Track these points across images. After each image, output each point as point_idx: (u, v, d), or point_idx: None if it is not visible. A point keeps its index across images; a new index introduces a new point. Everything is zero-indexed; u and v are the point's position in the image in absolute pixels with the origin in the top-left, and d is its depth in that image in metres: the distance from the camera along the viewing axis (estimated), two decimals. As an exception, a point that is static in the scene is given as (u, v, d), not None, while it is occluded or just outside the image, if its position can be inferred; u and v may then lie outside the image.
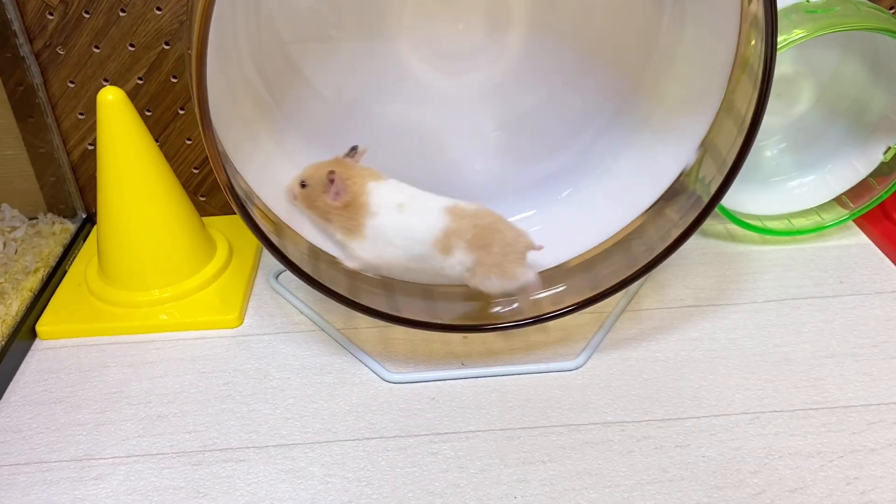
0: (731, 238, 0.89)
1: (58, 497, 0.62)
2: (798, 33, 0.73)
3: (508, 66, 0.75)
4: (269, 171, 0.73)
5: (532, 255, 0.71)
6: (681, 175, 0.72)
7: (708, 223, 0.90)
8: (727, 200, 0.84)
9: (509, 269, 0.68)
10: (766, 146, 0.92)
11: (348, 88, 0.75)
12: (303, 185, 0.70)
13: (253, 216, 0.65)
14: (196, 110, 0.58)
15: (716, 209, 0.82)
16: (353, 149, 0.71)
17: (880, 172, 0.86)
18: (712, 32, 0.69)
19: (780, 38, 0.74)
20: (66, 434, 0.67)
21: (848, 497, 0.59)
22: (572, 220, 0.77)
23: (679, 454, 0.63)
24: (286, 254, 0.67)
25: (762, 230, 0.87)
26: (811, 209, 0.89)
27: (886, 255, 0.85)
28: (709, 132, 0.71)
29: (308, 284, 0.68)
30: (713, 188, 0.67)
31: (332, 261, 0.73)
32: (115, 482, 0.63)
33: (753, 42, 0.64)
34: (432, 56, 0.75)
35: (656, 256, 0.68)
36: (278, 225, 0.71)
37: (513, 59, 0.75)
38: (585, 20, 0.74)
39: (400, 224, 0.68)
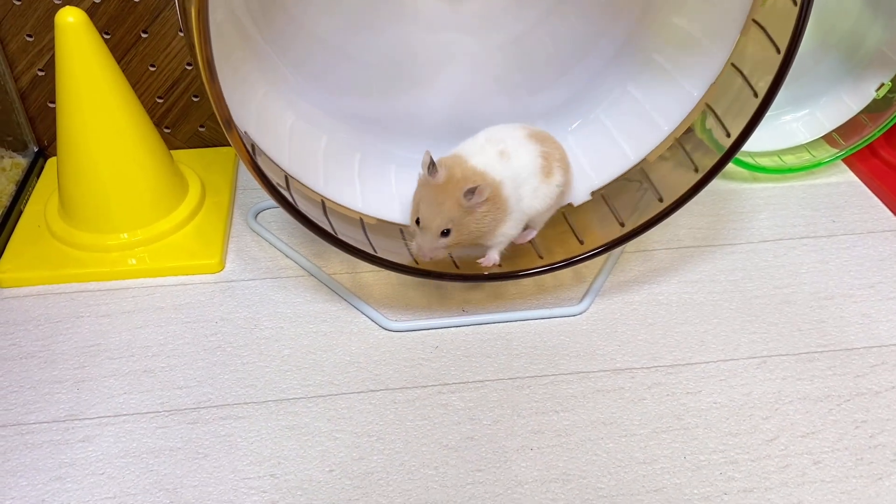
0: (722, 175, 0.87)
1: (43, 461, 0.57)
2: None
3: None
4: (260, 111, 0.67)
5: None
6: (692, 112, 0.69)
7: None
8: (718, 136, 0.82)
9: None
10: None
11: (340, 18, 0.68)
12: (445, 234, 0.61)
13: (267, 175, 0.59)
14: (199, 57, 0.51)
15: (707, 143, 0.81)
16: (433, 164, 0.61)
17: (872, 109, 0.85)
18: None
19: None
20: (43, 392, 0.62)
21: (858, 441, 0.59)
22: (589, 152, 0.73)
23: (691, 400, 0.62)
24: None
25: (753, 167, 0.86)
26: (801, 146, 0.88)
27: (875, 193, 0.85)
28: (722, 71, 0.68)
29: (329, 242, 0.63)
30: (733, 132, 0.65)
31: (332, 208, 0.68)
32: (105, 444, 0.59)
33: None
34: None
35: (674, 202, 0.66)
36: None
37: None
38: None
39: (515, 170, 0.64)
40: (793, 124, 0.90)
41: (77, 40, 0.66)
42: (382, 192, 0.73)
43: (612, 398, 0.63)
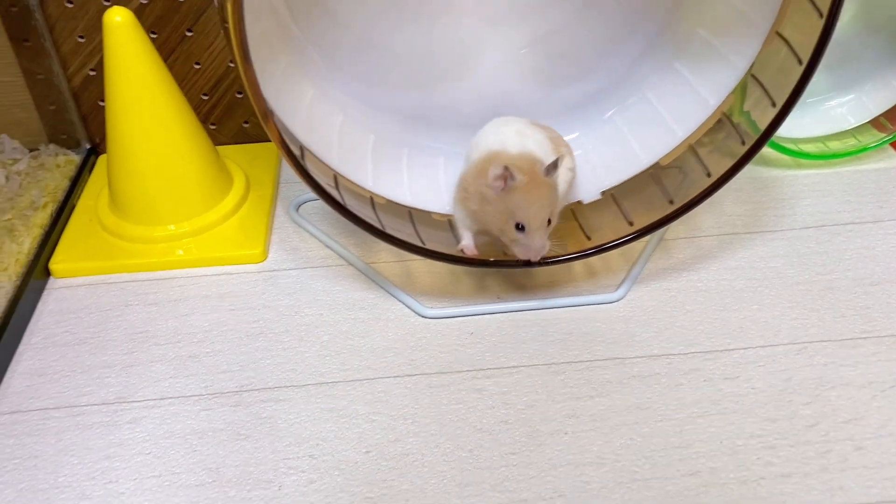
0: (764, 163, 0.87)
1: (93, 442, 0.60)
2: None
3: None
4: (308, 112, 0.68)
5: (582, 181, 0.72)
6: (728, 99, 0.69)
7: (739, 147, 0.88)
8: (760, 123, 0.81)
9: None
10: (799, 66, 0.88)
11: (375, 11, 0.70)
12: (521, 228, 0.61)
13: (308, 170, 0.61)
14: (233, 37, 0.53)
15: (748, 130, 0.80)
16: (511, 175, 0.60)
17: (921, 93, 0.83)
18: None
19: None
20: (94, 377, 0.65)
21: (902, 427, 0.58)
22: (617, 144, 0.73)
23: (728, 386, 0.62)
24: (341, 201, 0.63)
25: (796, 153, 0.85)
26: (847, 131, 0.87)
27: (925, 178, 0.83)
28: (757, 58, 0.67)
29: (369, 233, 0.64)
30: (765, 119, 0.64)
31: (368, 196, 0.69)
32: (151, 425, 0.61)
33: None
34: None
35: (710, 185, 0.66)
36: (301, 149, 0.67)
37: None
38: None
39: (542, 150, 0.64)
40: (838, 109, 0.88)
41: (124, 39, 0.69)
42: (428, 183, 0.74)
43: (648, 384, 0.62)
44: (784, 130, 0.85)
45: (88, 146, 0.88)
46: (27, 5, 0.78)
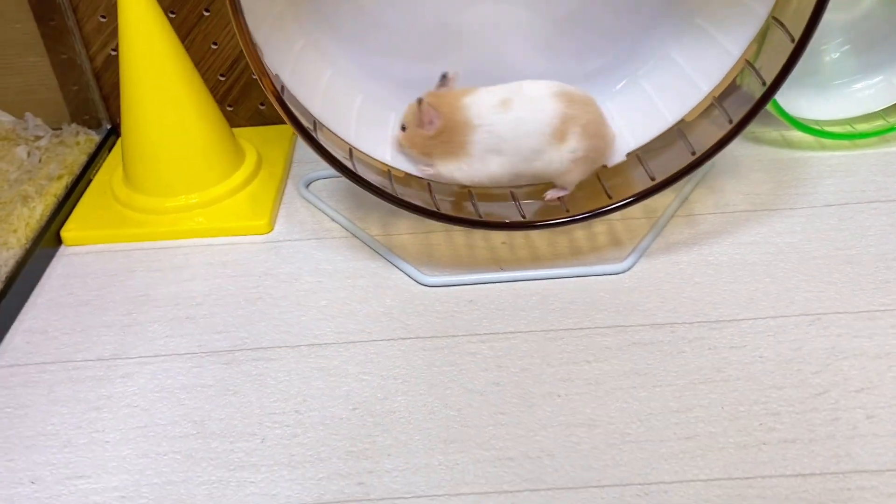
0: (788, 145, 0.84)
1: (84, 394, 0.60)
2: None
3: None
4: (305, 70, 0.69)
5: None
6: (738, 65, 0.67)
7: (762, 130, 0.86)
8: (785, 105, 0.78)
9: (598, 167, 0.68)
10: (828, 50, 0.85)
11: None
12: (403, 129, 0.67)
13: (291, 109, 0.61)
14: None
15: (771, 112, 0.78)
16: (444, 77, 0.66)
17: (952, 72, 0.80)
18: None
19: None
20: (92, 335, 0.65)
21: (920, 397, 0.54)
22: (627, 114, 0.72)
23: (734, 355, 0.59)
24: (325, 146, 0.63)
25: (822, 133, 0.82)
26: (875, 113, 0.83)
27: (957, 159, 0.79)
28: (765, 22, 0.65)
29: (350, 179, 0.64)
30: (768, 79, 0.62)
31: (369, 162, 0.69)
32: (142, 380, 0.61)
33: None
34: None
35: (713, 146, 0.64)
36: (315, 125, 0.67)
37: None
38: None
39: (508, 122, 0.64)
40: (866, 91, 0.85)
41: (138, 13, 0.70)
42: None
43: (649, 350, 0.60)
44: (810, 113, 0.84)
45: (109, 126, 0.90)
46: (51, -16, 0.81)
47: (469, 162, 0.66)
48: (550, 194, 0.69)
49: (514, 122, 0.64)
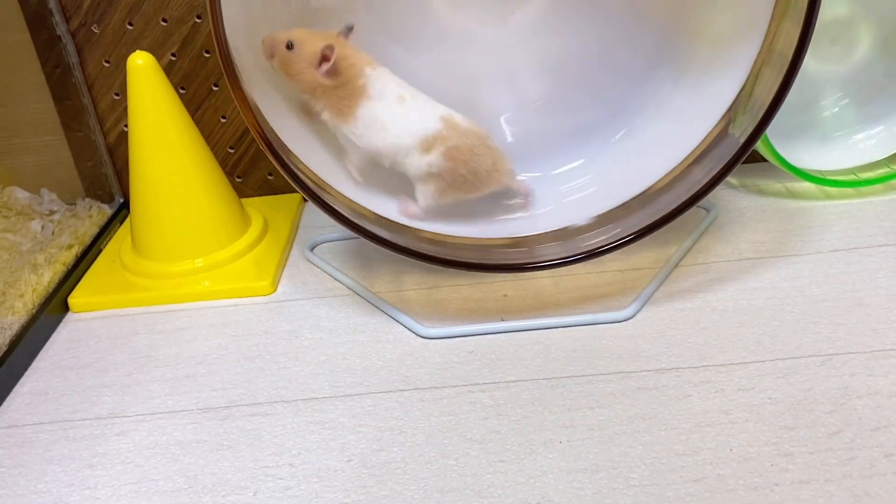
0: (792, 195, 0.83)
1: (79, 452, 0.59)
2: (851, -43, 0.69)
3: (539, 11, 0.72)
4: (300, 126, 0.71)
5: (585, 199, 0.70)
6: (729, 109, 0.67)
7: (766, 182, 0.86)
8: (787, 156, 0.78)
9: (450, 195, 0.70)
10: (827, 105, 0.86)
11: (377, 33, 0.73)
12: (289, 47, 0.66)
13: (288, 164, 0.62)
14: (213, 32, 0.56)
15: (773, 162, 0.78)
16: (349, 28, 0.68)
17: (953, 117, 0.80)
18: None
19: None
20: (91, 395, 0.65)
21: (940, 434, 0.52)
22: (624, 165, 0.72)
23: (742, 397, 0.57)
24: (328, 202, 0.64)
25: (825, 181, 0.81)
26: (879, 161, 0.83)
27: (966, 202, 0.78)
28: (752, 66, 0.66)
29: (350, 229, 0.65)
30: (757, 118, 0.62)
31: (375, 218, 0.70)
32: (138, 437, 0.60)
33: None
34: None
35: (692, 196, 0.63)
36: (318, 184, 0.68)
37: (542, 3, 0.72)
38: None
39: (397, 114, 0.68)
40: (867, 142, 0.85)
41: (145, 81, 0.73)
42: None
43: (653, 395, 0.58)
44: (812, 164, 0.83)
45: (121, 200, 0.93)
46: (69, 65, 0.84)
47: (354, 125, 0.68)
48: (401, 204, 0.72)
49: (401, 118, 0.68)
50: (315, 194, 0.64)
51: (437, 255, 0.65)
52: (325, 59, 0.66)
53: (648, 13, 0.72)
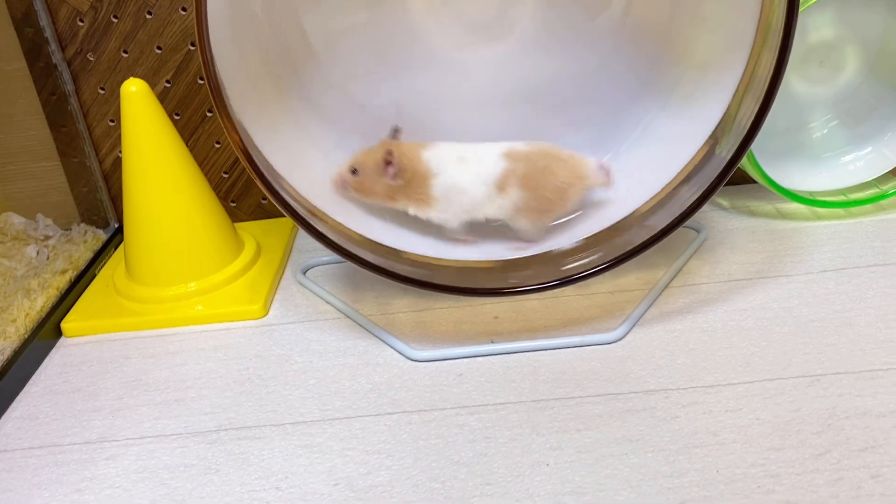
0: (782, 216, 0.84)
1: (67, 477, 0.59)
2: (833, -18, 0.70)
3: (527, 34, 0.73)
4: (290, 151, 0.71)
5: (571, 222, 0.72)
6: (715, 131, 0.68)
7: (756, 204, 0.86)
8: (776, 178, 0.79)
9: (545, 217, 0.71)
10: (816, 127, 0.87)
11: (364, 64, 0.74)
12: (353, 172, 0.71)
13: (274, 186, 0.63)
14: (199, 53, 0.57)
15: (763, 183, 0.78)
16: (396, 130, 0.72)
17: (941, 137, 0.80)
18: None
19: (813, -9, 0.70)
20: (81, 420, 0.65)
21: (928, 455, 0.52)
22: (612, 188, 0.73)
23: (730, 418, 0.57)
24: (312, 224, 0.64)
25: (815, 202, 0.82)
26: (868, 182, 0.83)
27: (956, 222, 0.78)
28: (736, 91, 0.67)
29: (337, 253, 0.65)
30: (742, 133, 0.63)
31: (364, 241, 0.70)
32: (127, 462, 0.60)
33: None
34: (449, 25, 0.73)
35: (679, 215, 0.64)
36: (309, 210, 0.69)
37: (531, 26, 0.73)
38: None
39: (466, 174, 0.70)
40: (856, 163, 0.85)
41: (139, 107, 0.74)
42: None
43: (641, 417, 0.58)
44: (803, 185, 0.84)
45: (116, 225, 0.93)
46: (64, 92, 0.86)
47: (436, 204, 0.71)
48: (513, 246, 0.73)
49: (469, 176, 0.70)
50: (300, 216, 0.64)
51: (421, 279, 0.66)
52: (388, 163, 0.69)
53: (634, 42, 0.73)
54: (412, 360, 0.67)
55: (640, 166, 0.73)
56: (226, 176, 0.92)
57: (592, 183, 0.71)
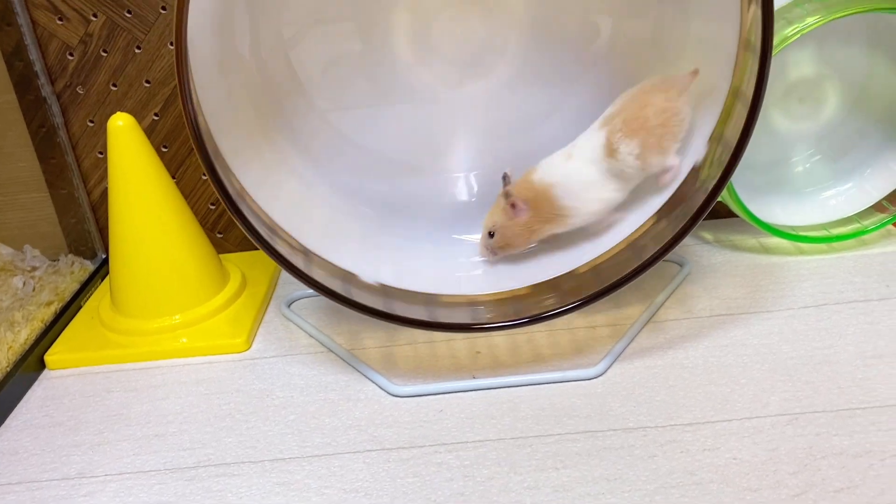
0: (766, 251, 0.84)
1: (44, 514, 0.59)
2: (811, 21, 0.71)
3: (510, 69, 0.74)
4: (269, 179, 0.72)
5: (541, 264, 0.72)
6: (693, 169, 0.69)
7: (740, 238, 0.87)
8: (758, 213, 0.79)
9: (666, 144, 0.69)
10: (799, 161, 0.88)
11: (348, 96, 0.74)
12: (491, 235, 0.73)
13: (240, 207, 0.64)
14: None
15: (745, 218, 0.79)
16: (505, 176, 0.72)
17: (921, 173, 0.81)
18: (717, 23, 0.67)
19: (792, 29, 0.71)
20: (61, 455, 0.65)
21: (903, 496, 0.52)
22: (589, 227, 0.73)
23: (707, 457, 0.57)
24: (279, 252, 0.65)
25: (798, 237, 0.82)
26: (850, 217, 0.84)
27: (936, 258, 0.78)
28: (716, 126, 0.68)
29: (302, 281, 0.66)
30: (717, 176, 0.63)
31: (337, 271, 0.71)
32: (104, 498, 0.60)
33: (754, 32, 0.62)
34: (432, 61, 0.74)
35: (661, 248, 0.64)
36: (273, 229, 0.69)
37: (515, 61, 0.74)
38: (588, 21, 0.73)
39: (575, 166, 0.70)
40: (838, 198, 0.86)
41: (125, 141, 0.74)
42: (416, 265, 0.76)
43: (619, 455, 0.58)
44: (785, 220, 0.84)
45: (104, 256, 0.94)
46: (53, 125, 0.86)
47: (570, 210, 0.71)
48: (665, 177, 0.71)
49: (579, 163, 0.70)
50: (267, 242, 0.65)
51: (386, 312, 0.66)
52: (512, 205, 0.70)
53: (613, 81, 0.73)
54: (393, 395, 0.67)
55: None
56: (213, 207, 0.92)
57: (685, 88, 0.69)
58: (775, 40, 0.70)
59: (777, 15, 0.72)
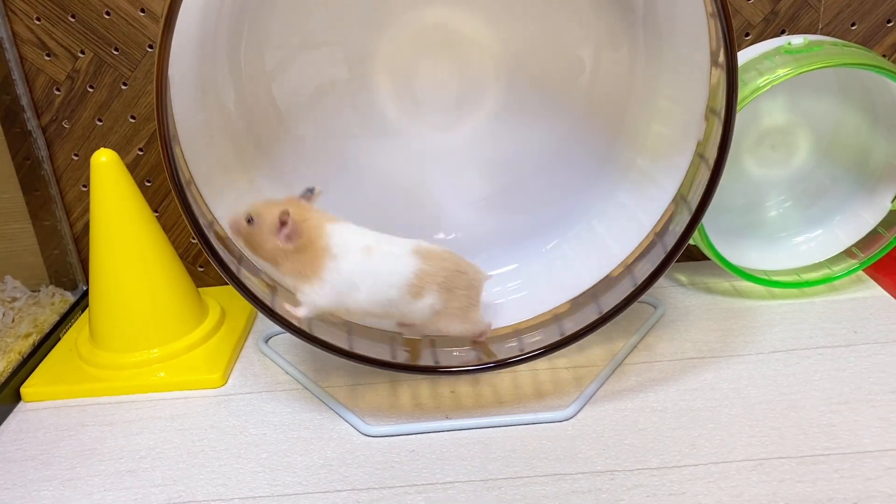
0: (739, 294, 0.86)
1: (11, 551, 0.59)
2: (781, 73, 0.73)
3: (488, 118, 0.76)
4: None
5: (507, 308, 0.72)
6: (664, 218, 0.70)
7: (714, 281, 0.88)
8: (732, 256, 0.81)
9: (472, 314, 0.68)
10: (771, 206, 0.89)
11: (328, 135, 0.76)
12: (249, 221, 0.65)
13: (209, 239, 0.65)
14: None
15: (717, 262, 0.80)
16: (310, 190, 0.67)
17: (889, 221, 0.83)
18: (687, 78, 0.69)
19: (763, 80, 0.73)
20: (31, 490, 0.65)
21: (863, 544, 0.52)
22: (556, 272, 0.75)
23: (673, 501, 0.58)
24: (246, 284, 0.66)
25: (769, 282, 0.84)
26: (820, 262, 0.86)
27: (903, 305, 0.80)
28: (684, 180, 0.70)
29: (265, 314, 0.67)
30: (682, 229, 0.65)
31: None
32: (73, 536, 0.60)
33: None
34: (413, 109, 0.76)
35: (627, 296, 0.65)
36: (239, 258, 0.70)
37: (492, 110, 0.76)
38: (564, 78, 0.75)
39: (368, 268, 0.65)
40: (808, 244, 0.88)
41: (107, 177, 0.75)
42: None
43: (586, 499, 0.59)
44: (759, 264, 0.86)
45: (85, 288, 0.94)
46: (38, 157, 0.87)
47: (321, 287, 0.65)
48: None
49: (373, 271, 0.65)
50: (233, 273, 0.66)
51: (349, 351, 0.67)
52: (282, 224, 0.64)
53: (589, 128, 0.75)
54: (366, 435, 0.68)
55: (594, 245, 0.74)
56: (194, 241, 0.93)
57: (484, 277, 0.69)
58: (746, 90, 0.72)
59: (749, 66, 0.75)
